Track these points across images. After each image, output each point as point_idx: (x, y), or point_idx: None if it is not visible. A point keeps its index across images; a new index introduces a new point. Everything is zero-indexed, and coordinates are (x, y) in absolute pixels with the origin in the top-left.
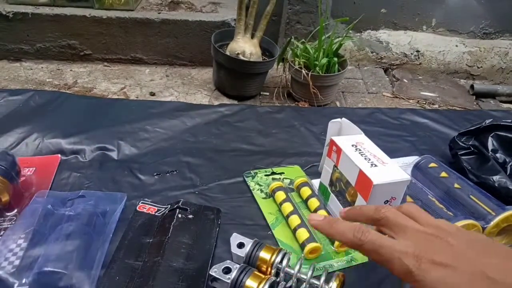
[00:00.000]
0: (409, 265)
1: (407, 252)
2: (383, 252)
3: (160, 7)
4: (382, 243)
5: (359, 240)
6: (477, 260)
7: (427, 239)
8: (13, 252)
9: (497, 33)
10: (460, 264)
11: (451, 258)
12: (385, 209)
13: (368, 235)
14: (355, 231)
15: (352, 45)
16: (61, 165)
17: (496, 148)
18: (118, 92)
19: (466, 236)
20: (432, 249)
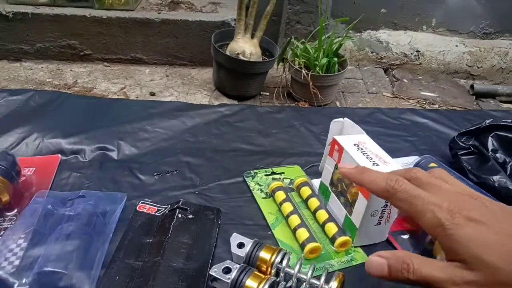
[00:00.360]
0: (442, 218)
1: (441, 206)
2: (416, 202)
3: (160, 7)
4: (417, 193)
5: (392, 188)
6: (511, 222)
7: (462, 198)
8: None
9: (497, 33)
10: (494, 223)
11: (486, 216)
12: (417, 170)
13: (402, 184)
14: (388, 179)
15: (352, 45)
16: (61, 165)
17: (496, 148)
18: (118, 92)
19: (499, 203)
20: (467, 206)
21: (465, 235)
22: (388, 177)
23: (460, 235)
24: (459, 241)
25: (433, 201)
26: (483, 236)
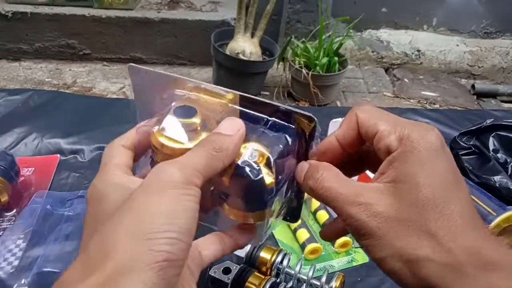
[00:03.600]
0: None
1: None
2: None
3: (160, 6)
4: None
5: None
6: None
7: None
8: (12, 252)
9: (498, 33)
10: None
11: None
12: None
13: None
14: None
15: (352, 45)
16: (60, 165)
17: (497, 148)
18: (118, 91)
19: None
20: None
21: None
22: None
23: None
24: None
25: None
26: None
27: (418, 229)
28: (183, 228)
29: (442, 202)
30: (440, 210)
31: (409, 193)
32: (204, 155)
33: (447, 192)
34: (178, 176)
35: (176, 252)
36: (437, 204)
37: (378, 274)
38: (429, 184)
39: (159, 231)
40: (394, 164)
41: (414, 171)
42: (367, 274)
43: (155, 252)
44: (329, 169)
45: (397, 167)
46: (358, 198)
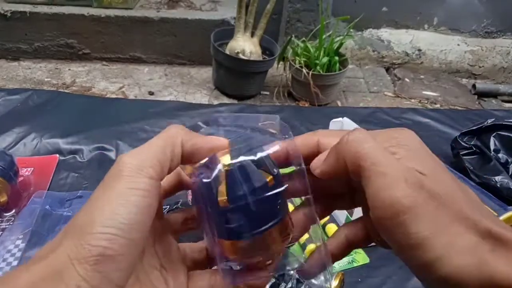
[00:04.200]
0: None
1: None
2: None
3: (159, 6)
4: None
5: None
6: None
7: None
8: (12, 253)
9: (499, 32)
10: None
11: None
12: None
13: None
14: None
15: (353, 44)
16: (59, 165)
17: (498, 148)
18: (117, 91)
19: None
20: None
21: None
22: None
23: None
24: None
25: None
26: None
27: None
28: (123, 223)
29: (462, 189)
30: (463, 196)
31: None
32: (159, 142)
33: (457, 181)
34: (128, 167)
35: (115, 248)
36: (459, 191)
37: (379, 275)
38: (443, 174)
39: (100, 225)
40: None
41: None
42: (368, 275)
43: (92, 246)
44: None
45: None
46: (402, 172)
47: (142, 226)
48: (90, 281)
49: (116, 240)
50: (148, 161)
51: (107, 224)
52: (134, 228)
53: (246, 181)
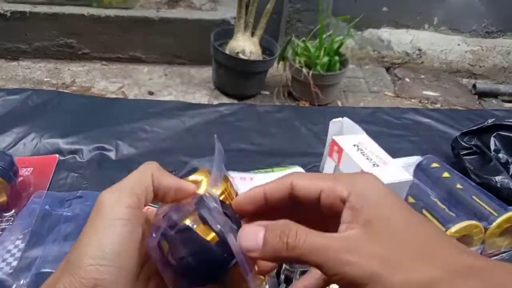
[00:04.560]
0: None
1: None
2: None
3: (159, 6)
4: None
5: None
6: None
7: None
8: (11, 253)
9: (499, 32)
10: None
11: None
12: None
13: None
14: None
15: (353, 44)
16: (59, 165)
17: (499, 148)
18: (116, 91)
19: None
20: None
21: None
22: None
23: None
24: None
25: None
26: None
27: (418, 258)
28: (109, 253)
29: (424, 229)
30: (426, 235)
31: (389, 227)
32: (135, 176)
33: (422, 221)
34: (108, 201)
35: (106, 277)
36: (422, 232)
37: None
38: (401, 214)
39: (89, 258)
40: (356, 207)
41: (379, 206)
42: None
43: (85, 280)
44: (297, 225)
45: (361, 208)
46: (349, 243)
47: (128, 253)
48: None
49: (105, 269)
50: (125, 192)
51: (95, 256)
52: (121, 256)
53: (185, 245)
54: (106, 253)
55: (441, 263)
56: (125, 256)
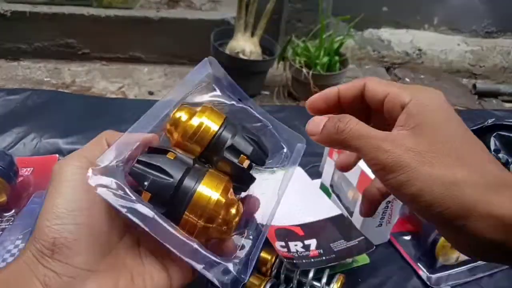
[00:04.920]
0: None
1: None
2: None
3: (159, 6)
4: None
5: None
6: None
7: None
8: (11, 253)
9: (500, 32)
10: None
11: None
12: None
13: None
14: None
15: (353, 44)
16: None
17: (499, 148)
18: (117, 91)
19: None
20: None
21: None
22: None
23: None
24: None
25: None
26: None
27: (451, 158)
28: (63, 212)
29: (467, 140)
30: (467, 145)
31: (436, 132)
32: (87, 145)
33: (469, 135)
34: (58, 167)
35: (64, 235)
36: (463, 141)
37: (379, 275)
38: (451, 125)
39: (46, 220)
40: (412, 113)
41: (434, 115)
42: (368, 275)
43: (44, 241)
44: (352, 117)
45: (416, 114)
46: (390, 136)
47: (86, 211)
48: (54, 269)
49: (62, 228)
50: (74, 158)
51: (50, 217)
52: (76, 214)
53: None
54: (60, 213)
55: (469, 168)
56: (82, 214)
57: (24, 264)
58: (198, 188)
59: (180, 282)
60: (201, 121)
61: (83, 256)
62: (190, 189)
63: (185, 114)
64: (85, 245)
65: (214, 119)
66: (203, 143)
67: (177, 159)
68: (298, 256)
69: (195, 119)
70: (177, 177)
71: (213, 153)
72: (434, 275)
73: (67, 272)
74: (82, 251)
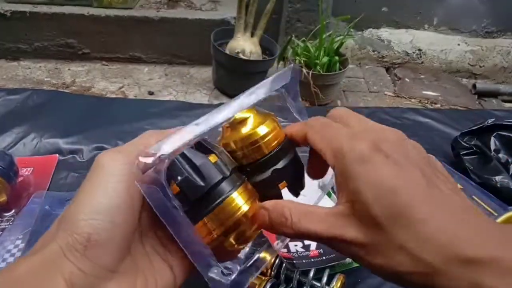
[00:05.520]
0: (344, 144)
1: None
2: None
3: (159, 5)
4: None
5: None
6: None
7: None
8: (11, 253)
9: (499, 32)
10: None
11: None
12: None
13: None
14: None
15: (353, 44)
16: (59, 165)
17: (499, 148)
18: (117, 91)
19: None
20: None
21: (360, 168)
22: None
23: (354, 167)
24: (352, 173)
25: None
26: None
27: (390, 247)
28: (102, 208)
29: (398, 212)
30: (400, 220)
31: (365, 212)
32: (133, 140)
33: (396, 198)
34: (104, 160)
35: (100, 232)
36: (395, 215)
37: None
38: (376, 196)
39: (83, 213)
40: (340, 182)
41: (357, 187)
42: (368, 275)
43: (78, 235)
44: (292, 205)
45: (343, 185)
46: (333, 231)
47: (124, 209)
48: (82, 268)
49: (99, 224)
50: (122, 152)
51: (88, 211)
52: (115, 212)
53: (188, 163)
54: (100, 208)
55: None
56: (120, 212)
57: (48, 258)
58: (232, 194)
59: (183, 278)
60: (267, 132)
61: (112, 256)
62: (222, 195)
63: (253, 118)
64: (117, 246)
65: (277, 135)
66: (255, 157)
67: (217, 164)
68: (298, 256)
69: (262, 128)
70: (210, 182)
71: (257, 167)
72: None
73: (93, 271)
74: (114, 251)
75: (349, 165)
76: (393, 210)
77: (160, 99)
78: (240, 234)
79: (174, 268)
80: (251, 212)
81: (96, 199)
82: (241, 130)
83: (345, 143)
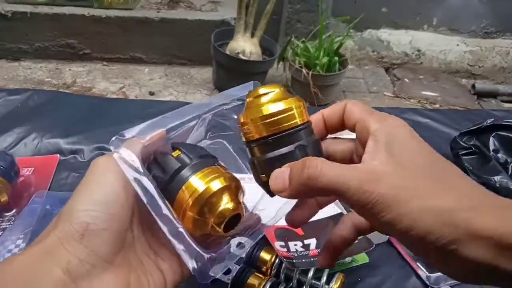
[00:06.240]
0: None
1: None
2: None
3: (159, 6)
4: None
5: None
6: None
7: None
8: (12, 253)
9: (499, 32)
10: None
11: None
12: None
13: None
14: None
15: (353, 44)
16: (59, 165)
17: (498, 148)
18: (117, 91)
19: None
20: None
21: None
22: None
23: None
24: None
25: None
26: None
27: (437, 187)
28: (101, 200)
29: (445, 166)
30: (448, 171)
31: (414, 162)
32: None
33: (443, 160)
34: (102, 159)
35: (97, 222)
36: (443, 168)
37: (378, 274)
38: (425, 152)
39: (81, 204)
40: (380, 140)
41: (405, 144)
42: (368, 275)
43: (76, 224)
44: (319, 158)
45: (386, 142)
46: (371, 175)
47: (120, 202)
48: (78, 256)
49: (97, 215)
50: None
51: (87, 202)
52: (112, 204)
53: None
54: (97, 200)
55: (456, 193)
56: (117, 205)
57: (46, 249)
58: (190, 179)
59: (172, 279)
60: (294, 106)
61: (108, 247)
62: (183, 181)
63: (280, 92)
64: (112, 236)
65: (303, 113)
66: (280, 128)
67: (179, 157)
68: (297, 255)
69: (289, 100)
70: (169, 172)
71: (280, 140)
72: (434, 274)
73: (90, 259)
74: (109, 241)
75: (396, 128)
76: (440, 164)
77: (160, 99)
78: (201, 212)
79: (165, 272)
80: (209, 192)
81: (94, 193)
82: (269, 100)
83: (388, 117)
